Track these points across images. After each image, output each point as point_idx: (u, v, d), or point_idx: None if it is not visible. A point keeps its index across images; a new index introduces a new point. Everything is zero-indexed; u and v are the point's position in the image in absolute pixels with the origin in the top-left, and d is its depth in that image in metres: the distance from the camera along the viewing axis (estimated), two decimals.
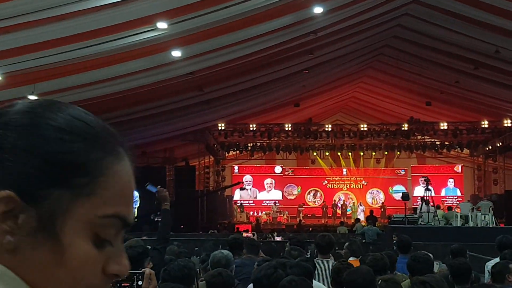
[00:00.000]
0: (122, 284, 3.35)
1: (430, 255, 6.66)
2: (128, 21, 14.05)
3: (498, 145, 33.26)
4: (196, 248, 14.85)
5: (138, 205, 30.67)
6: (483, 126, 32.99)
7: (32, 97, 17.33)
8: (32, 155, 0.94)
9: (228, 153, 36.82)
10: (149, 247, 5.72)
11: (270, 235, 21.70)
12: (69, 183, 0.95)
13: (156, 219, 26.79)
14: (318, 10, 17.12)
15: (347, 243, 7.54)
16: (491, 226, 20.85)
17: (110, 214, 0.99)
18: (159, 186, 6.20)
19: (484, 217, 21.07)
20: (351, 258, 7.13)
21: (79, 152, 0.96)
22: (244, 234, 8.10)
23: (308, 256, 7.97)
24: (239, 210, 37.03)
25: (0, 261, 0.93)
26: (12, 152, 0.94)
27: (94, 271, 0.98)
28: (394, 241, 9.01)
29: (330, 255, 7.66)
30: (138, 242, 5.16)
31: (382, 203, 39.26)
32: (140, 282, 3.33)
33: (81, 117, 1.00)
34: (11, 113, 0.98)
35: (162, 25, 14.58)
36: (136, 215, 26.87)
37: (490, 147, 34.84)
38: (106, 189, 0.98)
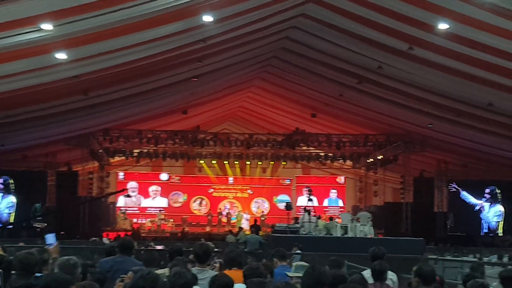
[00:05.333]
0: None
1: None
2: (10, 21, 13.59)
3: (379, 158, 34.33)
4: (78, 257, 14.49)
5: (14, 212, 29.80)
6: (365, 139, 33.96)
7: None
8: None
9: (113, 159, 36.20)
10: None
11: (152, 243, 21.48)
12: None
13: (34, 224, 26.15)
14: (207, 18, 17.13)
15: (226, 252, 7.55)
16: (369, 236, 21.52)
17: None
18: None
19: (363, 228, 21.73)
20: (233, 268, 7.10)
21: None
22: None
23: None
24: (122, 216, 36.50)
25: None
26: None
27: None
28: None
29: (216, 264, 7.65)
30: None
31: (262, 212, 39.72)
32: None
33: None
34: None
35: (46, 26, 14.18)
36: (13, 221, 26.04)
37: (371, 160, 35.92)
38: None
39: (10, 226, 28.76)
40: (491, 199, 31.35)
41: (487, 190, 31.33)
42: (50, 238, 6.32)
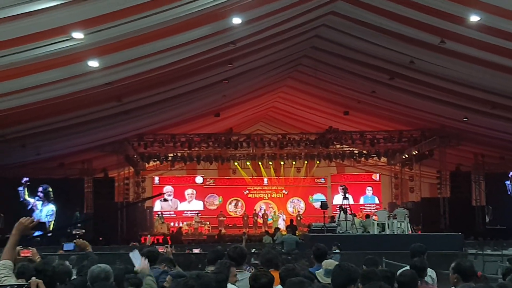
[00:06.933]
0: None
1: None
2: (42, 31, 13.76)
3: (414, 153, 34.06)
4: (118, 262, 14.50)
5: (54, 219, 30.18)
6: (399, 135, 33.72)
7: None
8: None
9: (148, 163, 36.48)
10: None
11: (189, 248, 21.49)
12: None
13: (74, 231, 26.43)
14: (236, 20, 17.19)
15: (262, 253, 7.54)
16: (406, 233, 21.31)
17: None
18: (74, 241, 6.71)
19: (400, 224, 21.50)
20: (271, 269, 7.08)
21: None
22: (160, 249, 7.89)
23: None
24: (160, 221, 36.70)
25: None
26: None
27: None
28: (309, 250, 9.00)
29: (249, 267, 7.63)
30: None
31: (298, 212, 39.63)
32: None
33: None
34: None
35: (78, 35, 14.35)
36: (52, 228, 26.28)
37: (407, 156, 35.65)
38: None
39: (50, 234, 29.12)
40: None
41: None
42: (68, 245, 6.38)
